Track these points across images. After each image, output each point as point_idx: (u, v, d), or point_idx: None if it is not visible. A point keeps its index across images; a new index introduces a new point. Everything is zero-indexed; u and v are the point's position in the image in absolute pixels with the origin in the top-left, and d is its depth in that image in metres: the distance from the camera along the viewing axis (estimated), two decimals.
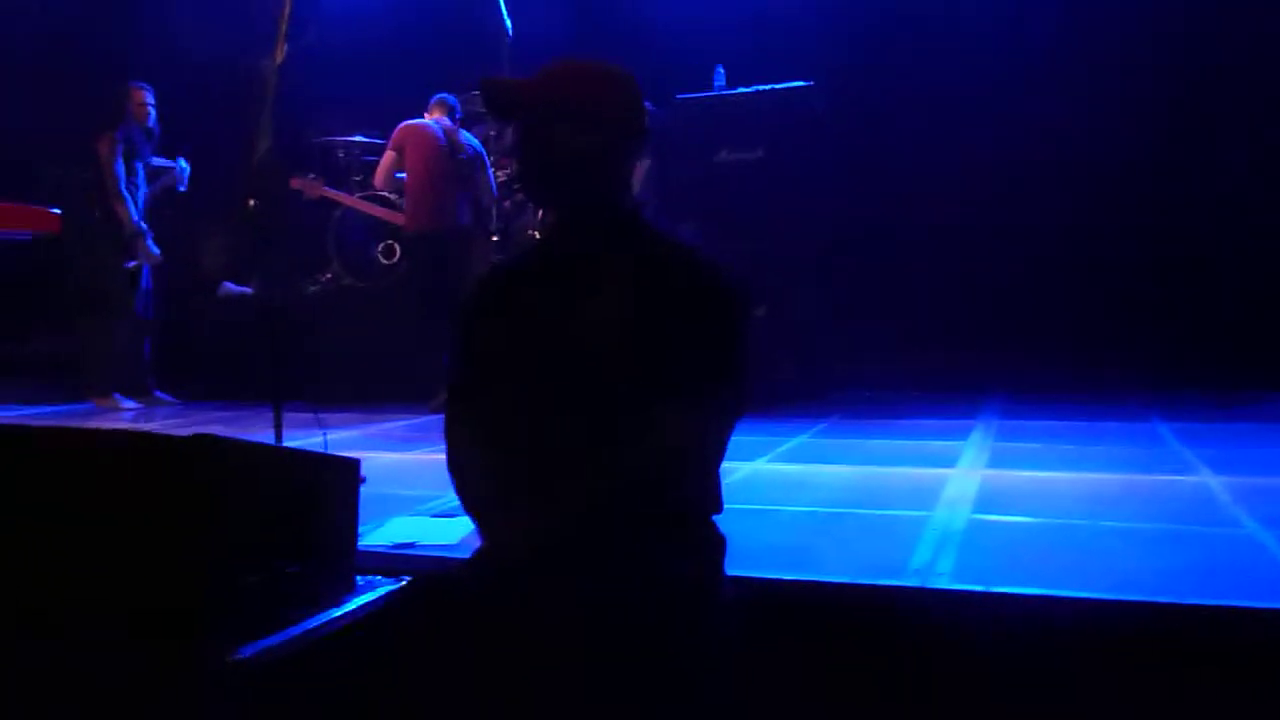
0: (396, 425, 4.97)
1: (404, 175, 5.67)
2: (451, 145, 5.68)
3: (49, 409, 5.73)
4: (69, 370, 6.03)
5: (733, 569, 2.02)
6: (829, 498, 3.10)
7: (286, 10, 3.35)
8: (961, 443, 3.99)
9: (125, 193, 5.56)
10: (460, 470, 1.99)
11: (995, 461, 3.65)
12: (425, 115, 5.83)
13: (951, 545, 2.49)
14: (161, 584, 1.95)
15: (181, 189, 6.00)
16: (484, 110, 6.47)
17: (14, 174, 5.69)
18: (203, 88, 7.11)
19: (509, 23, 6.12)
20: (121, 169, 5.58)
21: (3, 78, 6.96)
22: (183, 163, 6.01)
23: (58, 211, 4.48)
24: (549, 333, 1.90)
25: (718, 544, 1.95)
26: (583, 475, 1.81)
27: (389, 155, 5.72)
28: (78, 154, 5.65)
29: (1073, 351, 5.79)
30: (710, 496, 1.94)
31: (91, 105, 5.64)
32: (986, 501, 2.98)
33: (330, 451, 3.03)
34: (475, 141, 5.86)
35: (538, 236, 6.06)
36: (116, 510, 2.02)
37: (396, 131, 5.72)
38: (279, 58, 3.32)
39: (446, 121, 5.79)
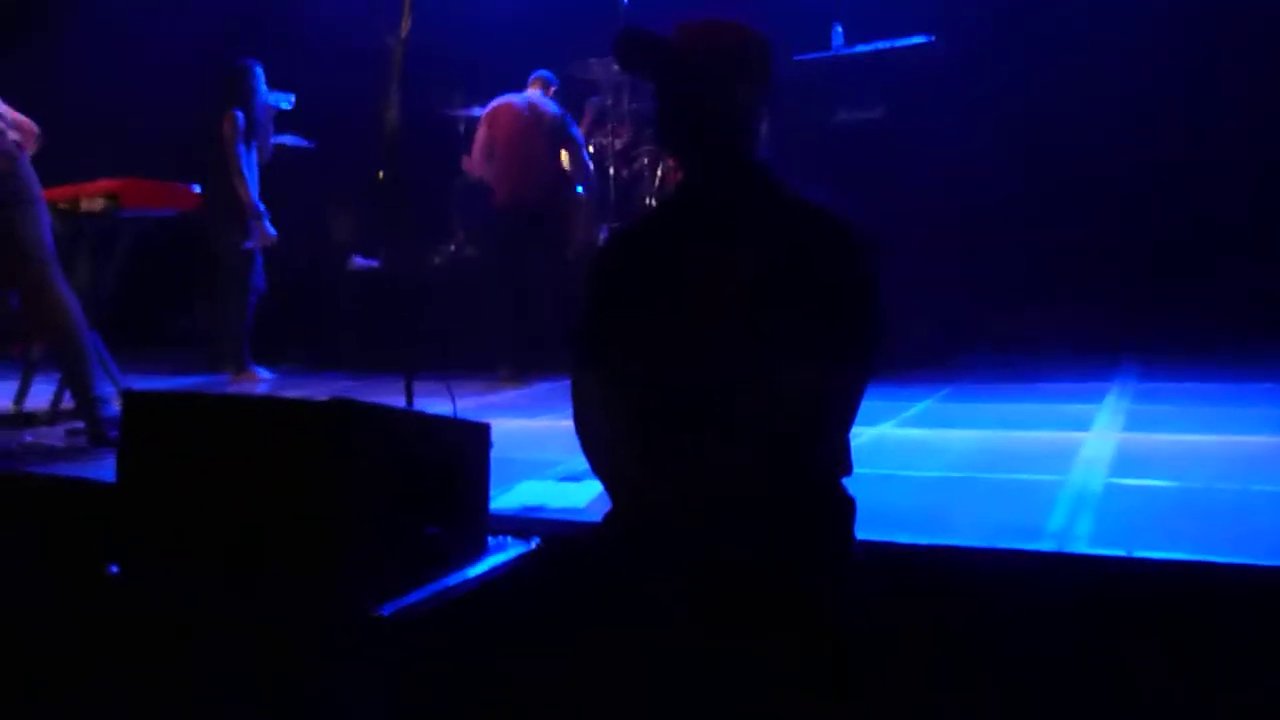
0: (521, 393, 5.05)
1: None
2: (535, 116, 5.64)
3: (191, 379, 6.00)
4: (204, 343, 6.28)
5: (862, 534, 2.01)
6: (959, 462, 3.04)
7: None
8: (1096, 406, 3.86)
9: (246, 172, 5.72)
10: (590, 429, 2.01)
11: (1132, 424, 3.52)
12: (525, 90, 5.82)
13: (1089, 509, 2.42)
14: (309, 541, 2.04)
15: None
16: (595, 78, 6.54)
17: (164, 153, 5.94)
18: (331, 64, 7.30)
19: None
20: (242, 148, 5.73)
21: (144, 57, 7.28)
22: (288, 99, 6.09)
23: (198, 189, 4.66)
24: (685, 289, 1.90)
25: (849, 507, 1.94)
26: (719, 433, 1.81)
27: (480, 133, 5.76)
28: (208, 133, 5.85)
29: (1213, 310, 5.53)
30: (841, 458, 1.94)
31: (217, 84, 5.80)
32: (1124, 465, 2.88)
33: (460, 416, 3.12)
34: (558, 111, 5.77)
35: (655, 204, 6.06)
36: (265, 471, 2.12)
37: (486, 110, 5.76)
38: (404, 32, 3.39)
39: (536, 94, 5.75)
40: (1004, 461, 3.03)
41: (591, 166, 5.79)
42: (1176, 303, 5.66)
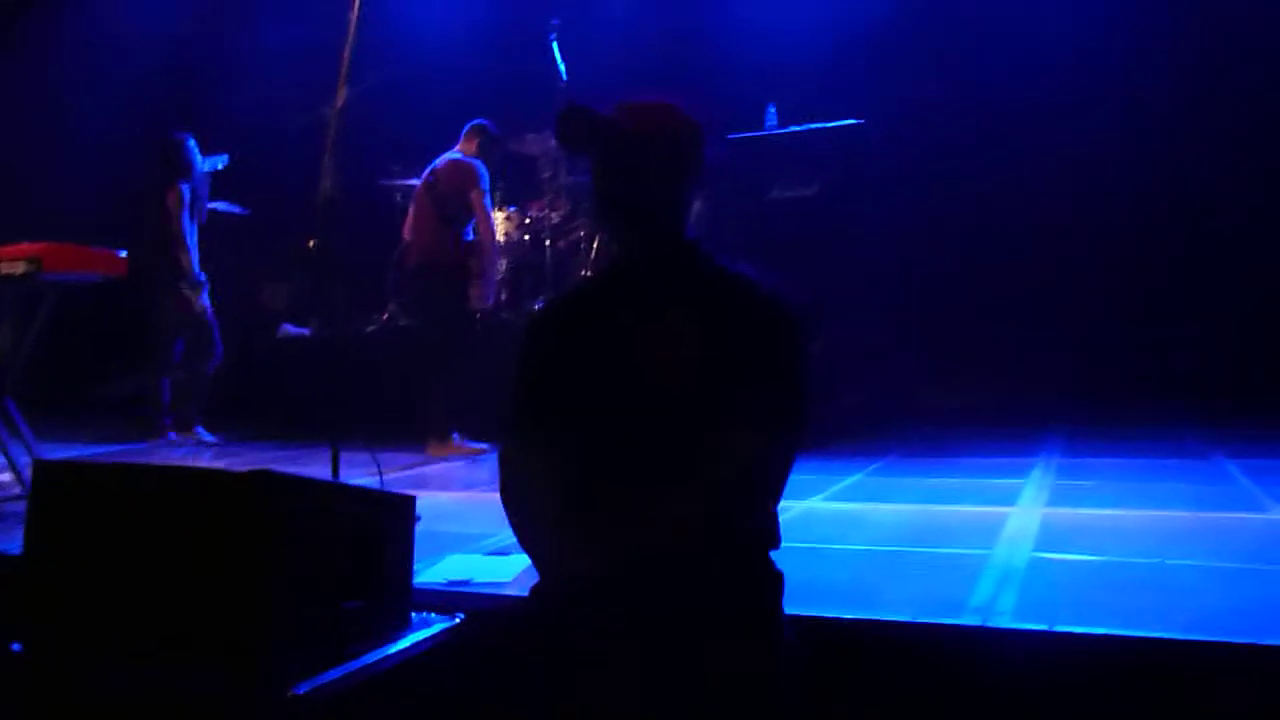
0: (450, 465, 5.00)
1: None
2: (433, 173, 5.61)
3: (111, 446, 5.84)
4: (130, 409, 6.14)
5: (790, 608, 2.00)
6: (886, 535, 3.06)
7: (347, 56, 3.43)
8: (1022, 480, 3.92)
9: (189, 243, 5.73)
10: (518, 497, 1.99)
11: (1057, 499, 3.58)
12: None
13: (1013, 583, 2.45)
14: (224, 617, 1.97)
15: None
16: (532, 152, 6.61)
17: (93, 219, 5.87)
18: (265, 132, 7.29)
19: (563, 67, 6.23)
20: (187, 220, 5.76)
21: (82, 126, 7.21)
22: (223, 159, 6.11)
23: (124, 254, 4.58)
24: (614, 362, 1.92)
25: (775, 580, 1.93)
26: (644, 506, 1.81)
27: None
28: (144, 203, 5.82)
29: (1133, 386, 5.70)
30: (768, 531, 1.93)
31: (153, 157, 5.82)
32: (1049, 539, 2.92)
33: (386, 489, 3.07)
34: (467, 160, 5.58)
35: (588, 276, 6.09)
36: (179, 543, 2.05)
37: None
38: (339, 102, 3.40)
39: (452, 151, 5.68)
40: (931, 536, 3.06)
41: (490, 218, 5.62)
42: (1101, 375, 5.82)
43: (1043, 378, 5.91)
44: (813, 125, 5.79)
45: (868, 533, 3.10)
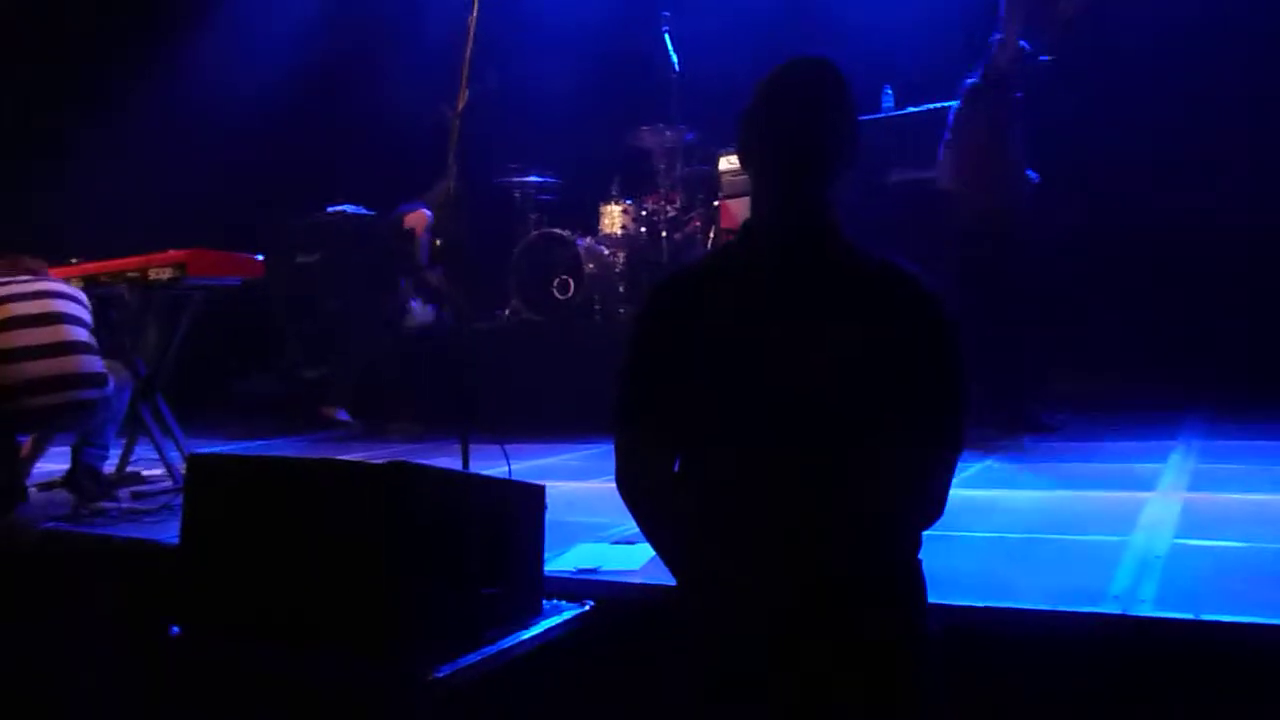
0: (575, 455, 5.07)
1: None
2: None
3: (256, 443, 6.11)
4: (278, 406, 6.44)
5: None
6: (1020, 522, 2.99)
7: (467, 58, 3.52)
8: (1160, 465, 3.78)
9: None
10: (636, 495, 1.87)
11: (1197, 484, 3.44)
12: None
13: (1154, 571, 2.37)
14: (367, 603, 2.06)
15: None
16: (648, 146, 6.64)
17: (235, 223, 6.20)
18: (392, 131, 7.51)
19: (675, 58, 6.25)
20: None
21: (215, 137, 7.55)
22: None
23: (261, 258, 4.79)
24: (751, 345, 1.75)
25: (923, 586, 1.85)
26: (807, 509, 1.70)
27: None
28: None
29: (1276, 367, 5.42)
30: (919, 541, 1.85)
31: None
32: (1190, 525, 2.81)
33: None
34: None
35: (714, 248, 6.08)
36: (323, 532, 2.15)
37: None
38: (460, 104, 3.48)
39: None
40: (1065, 523, 2.97)
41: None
42: (1241, 356, 5.55)
43: (1182, 359, 5.67)
44: (931, 105, 5.66)
45: (999, 520, 3.03)
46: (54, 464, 4.57)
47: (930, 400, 1.71)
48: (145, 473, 4.64)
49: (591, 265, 6.40)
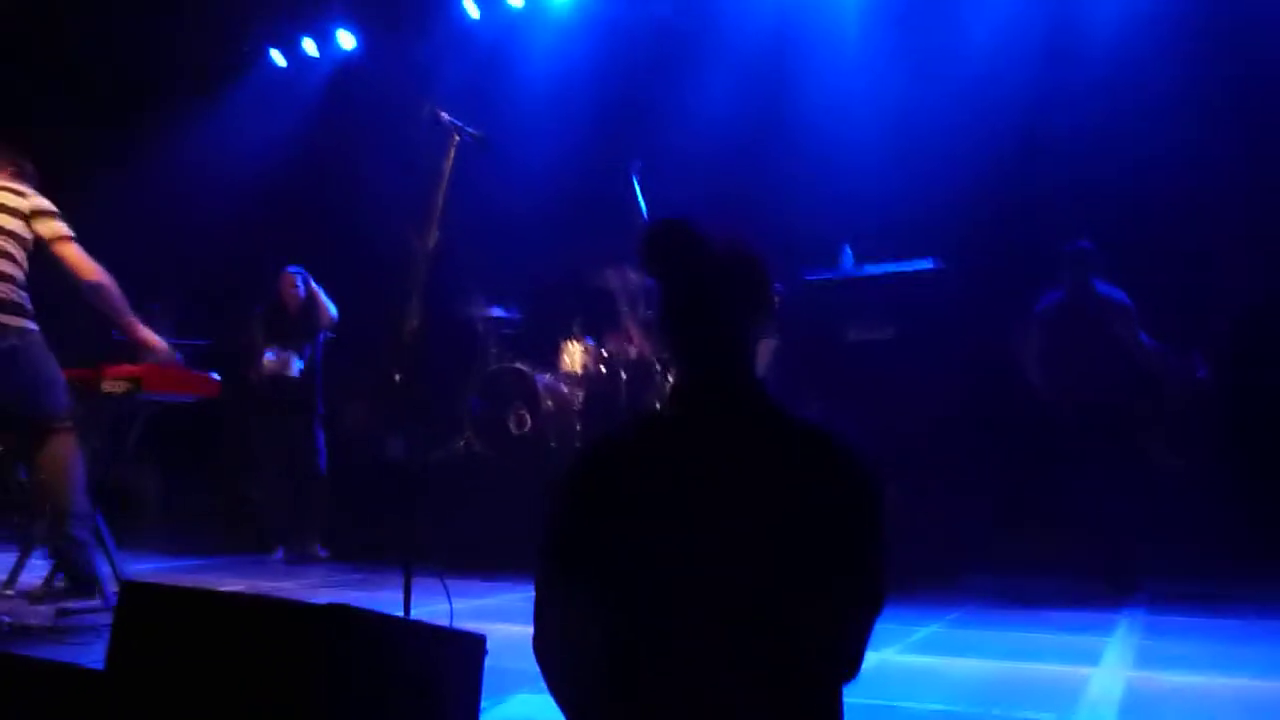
0: (520, 595, 4.98)
1: None
2: None
3: (202, 559, 5.96)
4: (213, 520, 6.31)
5: None
6: (963, 694, 2.96)
7: (441, 198, 3.60)
8: (1105, 639, 3.79)
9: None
10: (548, 657, 1.87)
11: (1142, 661, 3.44)
12: None
13: None
14: None
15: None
16: (611, 286, 6.77)
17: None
18: (350, 259, 7.60)
19: (644, 204, 6.42)
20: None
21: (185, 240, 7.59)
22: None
23: (218, 378, 4.75)
24: (670, 512, 1.76)
25: None
26: (701, 683, 1.68)
27: None
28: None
29: (1224, 542, 5.48)
30: (835, 710, 1.77)
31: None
32: (1133, 707, 2.80)
33: (457, 620, 3.08)
34: None
35: (640, 415, 6.14)
36: (255, 674, 2.08)
37: None
38: (431, 242, 3.54)
39: None
40: (1010, 697, 2.95)
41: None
42: (1187, 532, 5.62)
43: (1125, 529, 5.73)
44: (890, 267, 5.83)
45: (944, 692, 3.00)
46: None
47: (850, 560, 1.71)
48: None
49: (549, 402, 6.42)
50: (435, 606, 3.54)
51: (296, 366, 6.44)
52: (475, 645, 2.35)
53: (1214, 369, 5.79)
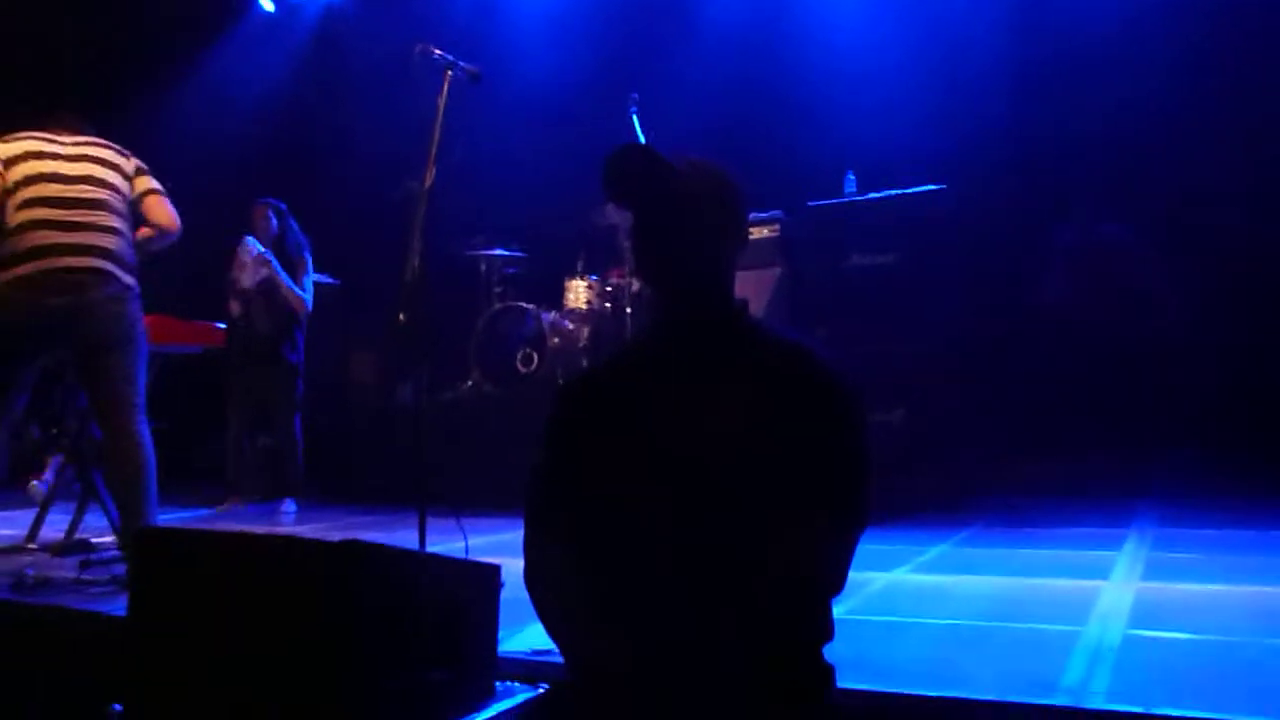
0: None
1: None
2: None
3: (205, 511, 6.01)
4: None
5: (872, 684, 1.97)
6: (973, 610, 2.99)
7: (436, 136, 3.56)
8: (1114, 553, 3.81)
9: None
10: (541, 589, 1.89)
11: (1151, 573, 3.47)
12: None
13: (1106, 662, 2.38)
14: (310, 685, 2.02)
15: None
16: (614, 223, 6.74)
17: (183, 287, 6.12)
18: (355, 204, 7.56)
19: (643, 137, 6.34)
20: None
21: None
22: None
23: (223, 326, 4.78)
24: (651, 438, 1.78)
25: (826, 675, 1.82)
26: (696, 596, 1.70)
27: None
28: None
29: (1231, 451, 5.50)
30: (822, 626, 1.82)
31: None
32: (1143, 616, 2.83)
33: (472, 555, 3.11)
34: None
35: (623, 345, 6.14)
36: (269, 610, 2.12)
37: None
38: (428, 182, 3.52)
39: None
40: (1020, 611, 2.98)
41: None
42: (1194, 443, 5.63)
43: (1135, 443, 5.75)
44: (892, 192, 5.79)
45: (953, 607, 3.03)
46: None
47: (833, 474, 1.73)
48: (94, 540, 4.54)
49: (555, 339, 6.42)
50: (451, 544, 3.58)
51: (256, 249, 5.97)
52: (491, 575, 2.38)
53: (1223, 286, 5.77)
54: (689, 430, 1.76)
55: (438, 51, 3.70)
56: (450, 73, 3.66)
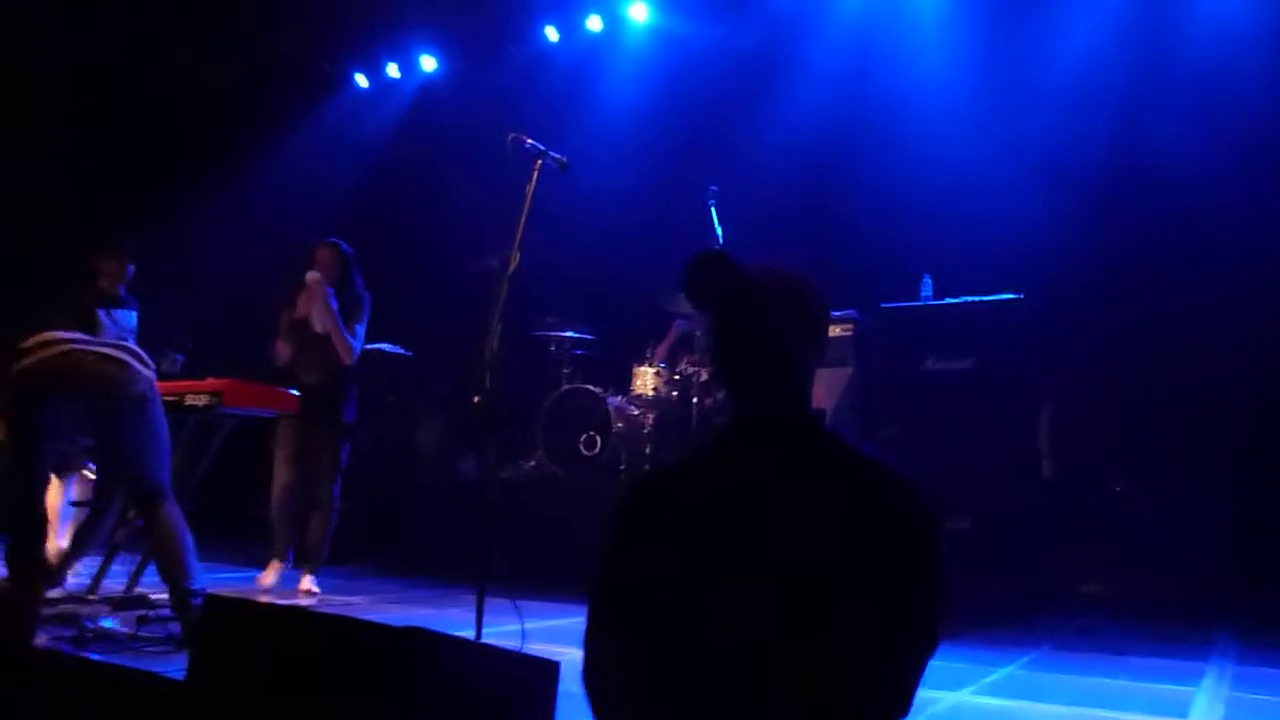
0: None
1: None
2: None
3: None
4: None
5: None
6: None
7: (523, 220, 3.63)
8: (1193, 689, 3.65)
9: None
10: (598, 692, 1.84)
11: (1233, 716, 3.30)
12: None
13: None
14: None
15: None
16: (687, 311, 6.76)
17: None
18: (430, 279, 7.69)
19: (720, 232, 6.40)
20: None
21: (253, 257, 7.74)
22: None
23: (296, 394, 4.84)
24: (724, 544, 1.76)
25: None
26: (764, 708, 1.66)
27: None
28: None
29: None
30: None
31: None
32: None
33: (528, 640, 3.08)
34: None
35: (697, 446, 6.10)
36: (333, 694, 2.10)
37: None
38: (513, 263, 3.57)
39: None
40: None
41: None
42: (1274, 577, 5.42)
43: (1210, 568, 5.55)
44: (970, 298, 5.75)
45: None
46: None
47: (909, 597, 1.69)
48: (153, 596, 4.58)
49: (620, 424, 6.42)
50: (506, 626, 3.55)
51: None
52: (548, 671, 2.34)
53: None
54: (763, 535, 1.73)
55: (529, 140, 3.78)
56: (540, 161, 3.74)
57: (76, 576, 4.73)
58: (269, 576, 5.45)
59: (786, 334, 1.83)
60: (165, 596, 4.47)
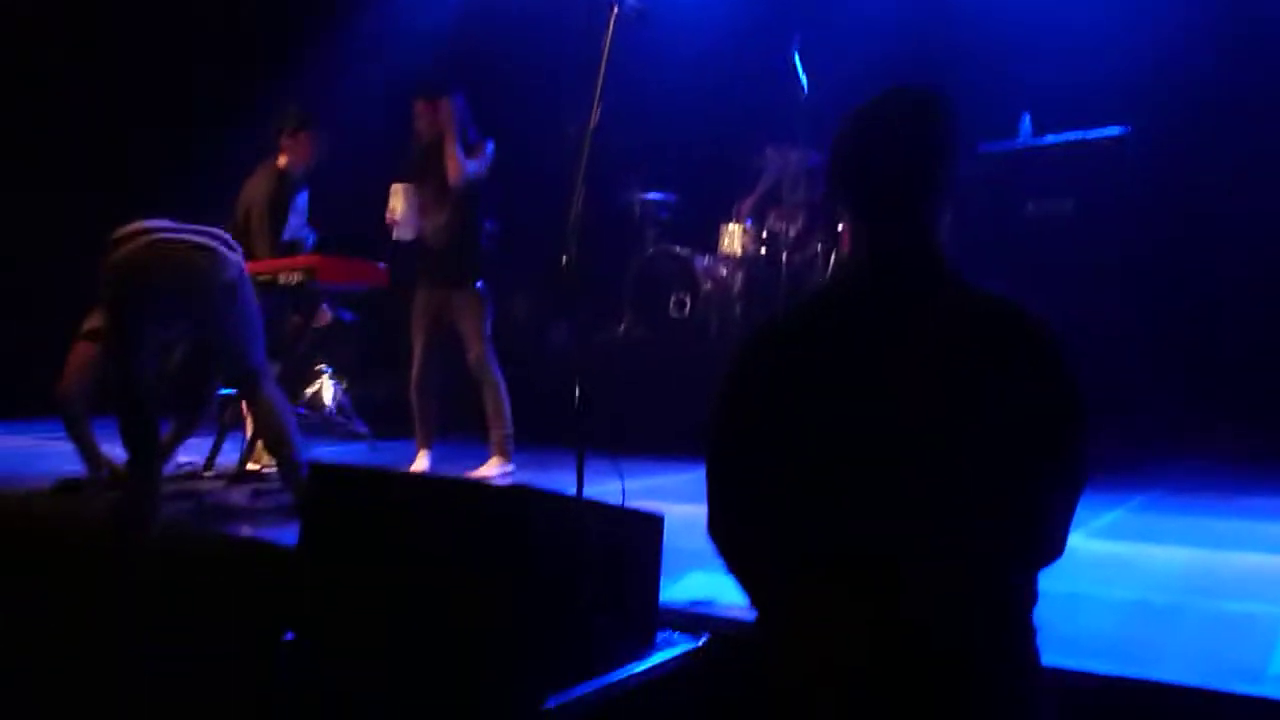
0: (688, 475, 4.99)
1: None
2: None
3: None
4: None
5: (1055, 659, 1.84)
6: (1161, 584, 2.82)
7: (601, 78, 3.50)
8: None
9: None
10: (729, 542, 1.82)
11: None
12: None
13: None
14: (480, 627, 2.03)
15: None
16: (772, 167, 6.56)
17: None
18: (512, 147, 7.56)
19: (804, 79, 6.16)
20: None
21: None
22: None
23: (384, 266, 4.83)
24: (851, 387, 1.69)
25: (1036, 654, 1.70)
26: (903, 555, 1.62)
27: None
28: None
29: None
30: (1034, 591, 1.70)
31: None
32: None
33: (629, 499, 3.10)
34: None
35: (815, 289, 5.99)
36: (440, 551, 2.13)
37: None
38: (593, 123, 3.46)
39: None
40: (1216, 586, 2.78)
41: None
42: None
43: None
44: (1071, 136, 5.46)
45: (1139, 579, 2.86)
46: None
47: (1051, 440, 1.63)
48: (265, 469, 4.73)
49: (708, 284, 6.35)
50: (606, 486, 3.57)
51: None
52: (654, 524, 2.35)
53: None
54: (895, 383, 1.66)
55: None
56: (616, 9, 3.57)
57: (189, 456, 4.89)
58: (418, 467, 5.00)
59: (919, 149, 1.74)
60: (276, 470, 4.63)
